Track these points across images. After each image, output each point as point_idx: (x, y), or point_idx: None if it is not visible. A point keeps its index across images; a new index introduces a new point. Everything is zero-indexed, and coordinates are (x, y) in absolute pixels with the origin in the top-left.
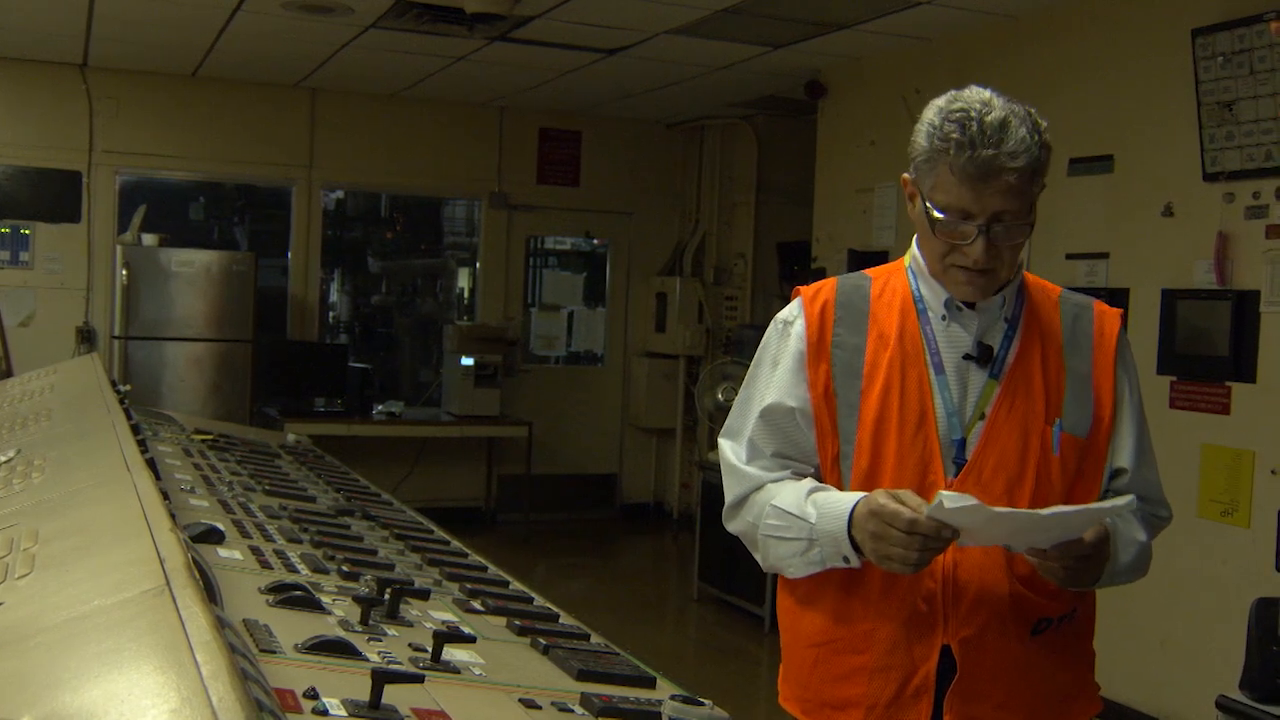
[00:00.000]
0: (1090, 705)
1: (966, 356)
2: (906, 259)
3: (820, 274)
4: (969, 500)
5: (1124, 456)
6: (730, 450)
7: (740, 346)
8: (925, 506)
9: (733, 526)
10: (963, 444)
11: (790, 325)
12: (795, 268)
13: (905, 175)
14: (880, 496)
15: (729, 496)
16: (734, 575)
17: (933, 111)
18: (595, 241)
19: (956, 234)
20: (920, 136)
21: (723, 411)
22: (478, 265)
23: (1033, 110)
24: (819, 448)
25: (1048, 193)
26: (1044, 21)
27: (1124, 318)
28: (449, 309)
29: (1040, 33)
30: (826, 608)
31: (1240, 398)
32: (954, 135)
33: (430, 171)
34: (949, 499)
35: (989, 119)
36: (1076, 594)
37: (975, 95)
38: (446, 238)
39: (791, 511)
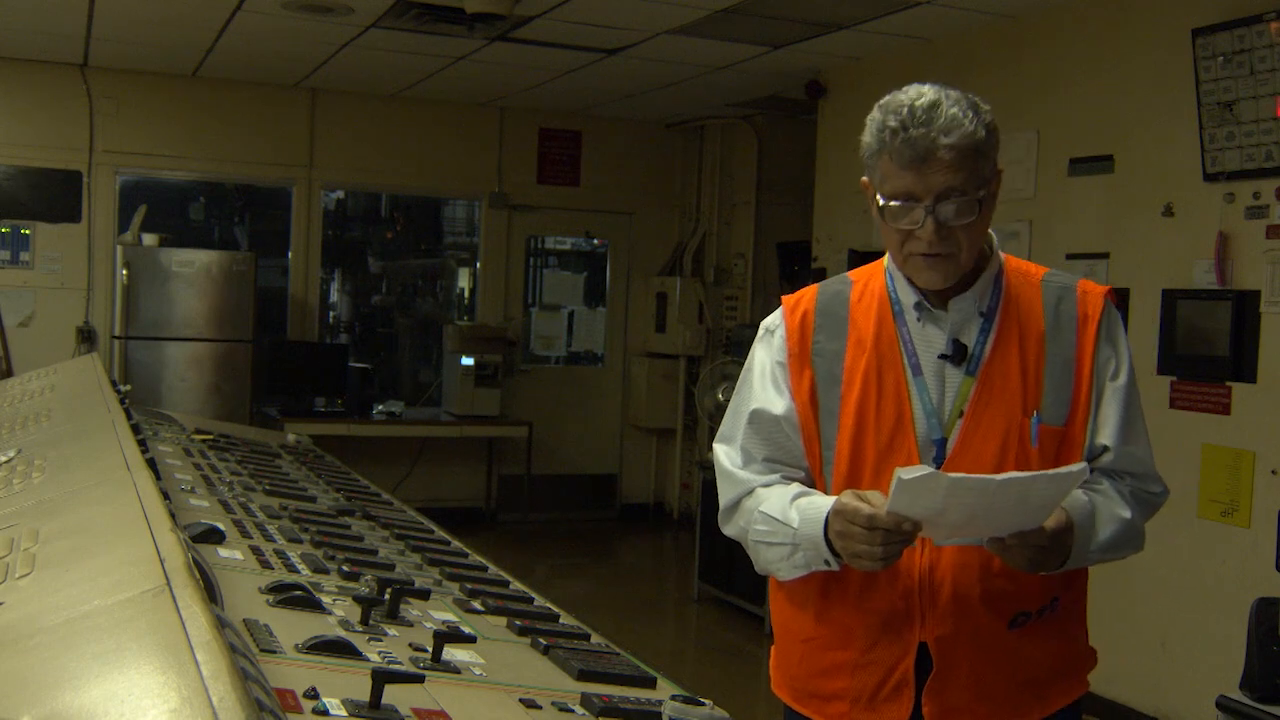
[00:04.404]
0: (1077, 682)
1: (942, 356)
2: (886, 260)
3: (821, 274)
4: (924, 470)
5: (1107, 433)
6: (724, 455)
7: (740, 347)
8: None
9: (727, 530)
10: (944, 443)
11: (772, 334)
12: (795, 268)
13: (864, 179)
14: (845, 496)
15: (723, 501)
16: (734, 575)
17: (875, 110)
18: (595, 241)
19: (906, 219)
20: (867, 135)
21: (723, 411)
22: (478, 265)
23: (973, 96)
24: (807, 453)
25: (1048, 192)
26: (1044, 21)
27: (1113, 293)
28: (449, 309)
29: (1040, 33)
30: (811, 605)
31: (1240, 398)
32: (890, 124)
33: (430, 171)
34: (905, 472)
35: (919, 103)
36: (1059, 583)
37: (912, 89)
38: (446, 238)
39: (776, 517)
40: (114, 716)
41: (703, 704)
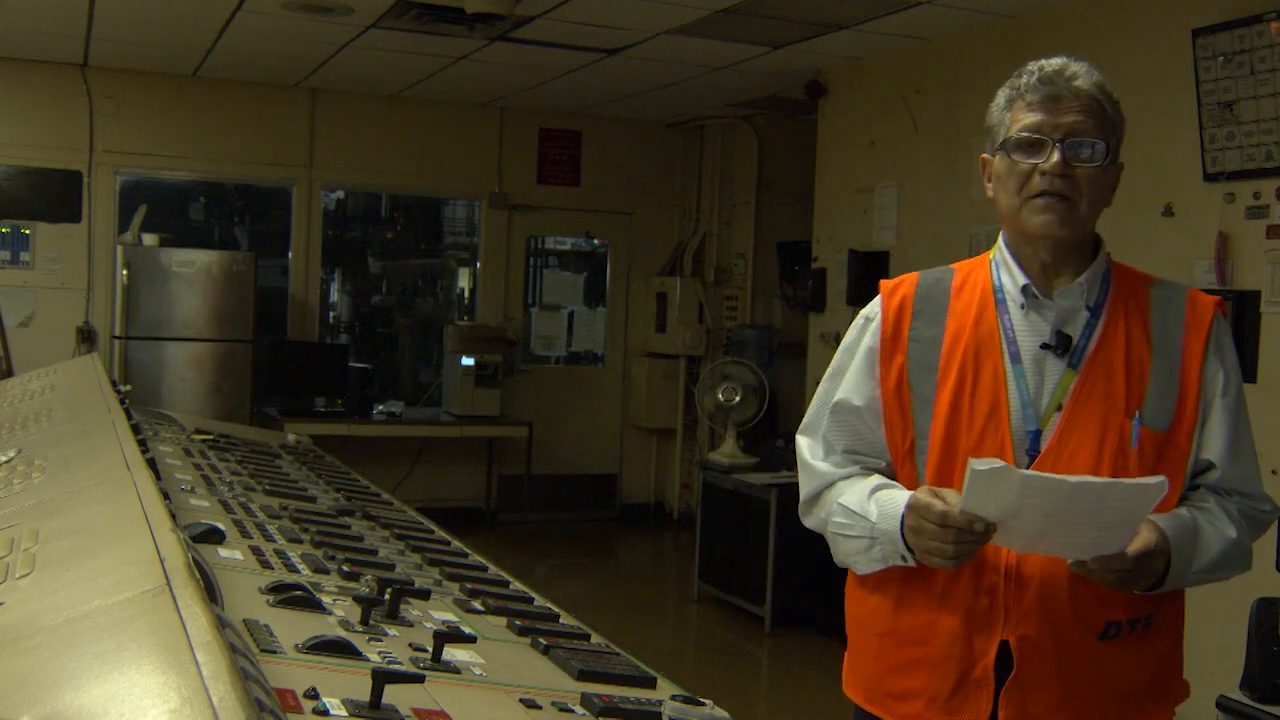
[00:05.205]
0: (1164, 707)
1: (1044, 346)
2: (992, 252)
3: (820, 274)
4: (996, 463)
5: (1213, 449)
6: (806, 447)
7: (740, 347)
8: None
9: (808, 522)
10: (1038, 435)
11: (870, 322)
12: (795, 268)
13: (984, 155)
14: (920, 492)
15: (803, 492)
16: (734, 575)
17: (1008, 81)
18: (595, 241)
19: (1034, 154)
20: (997, 98)
21: (723, 411)
22: (478, 265)
23: None
24: (890, 442)
25: None
26: (1044, 21)
27: (1223, 305)
28: (449, 309)
29: (1040, 33)
30: (891, 598)
31: None
32: (1028, 68)
33: (430, 171)
34: (978, 463)
35: (1054, 60)
36: (1154, 598)
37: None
38: (446, 238)
39: (855, 510)
40: (114, 716)
41: (703, 704)
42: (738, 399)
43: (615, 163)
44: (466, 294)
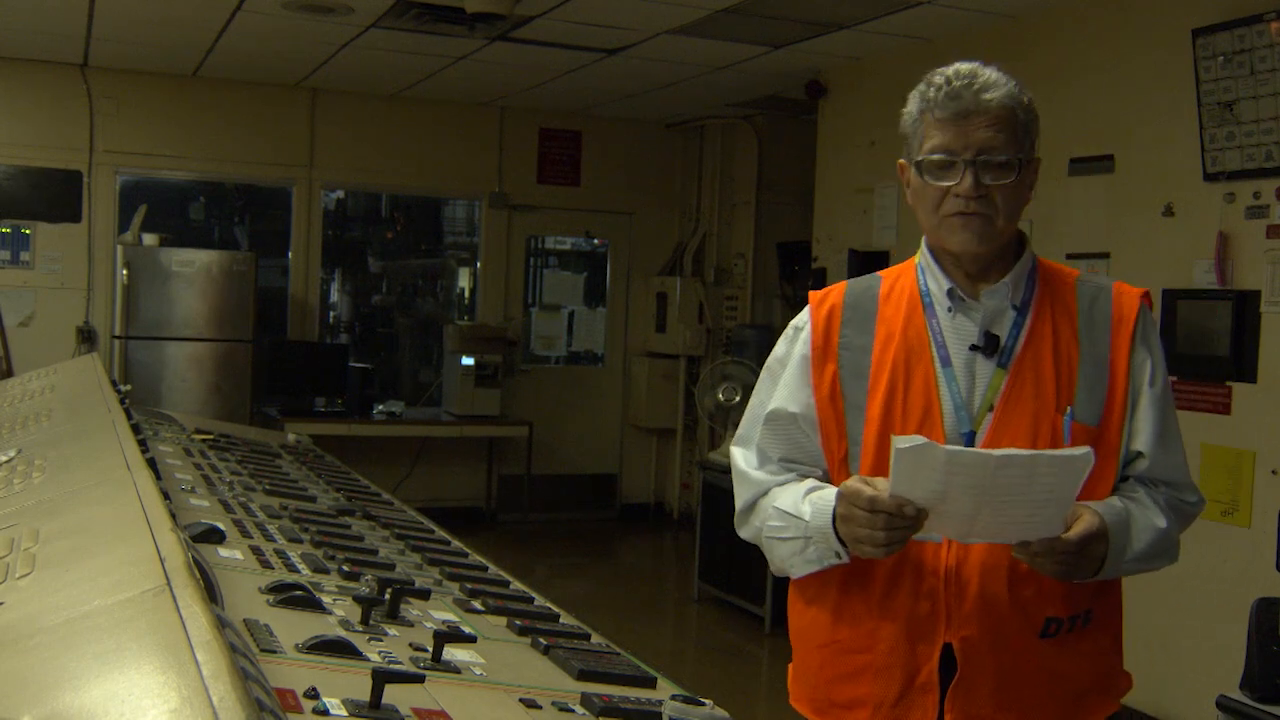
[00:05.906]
0: (1108, 701)
1: (973, 347)
2: (917, 256)
3: (820, 274)
4: (919, 440)
5: (1142, 440)
6: (741, 458)
7: (740, 347)
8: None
9: (744, 533)
10: (973, 437)
11: (800, 331)
12: (795, 268)
13: (900, 160)
14: (850, 481)
15: (738, 503)
16: (734, 575)
17: (918, 85)
18: (595, 241)
19: (945, 175)
20: (909, 105)
21: (723, 411)
22: (478, 265)
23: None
24: (825, 450)
25: (1048, 192)
26: (1044, 21)
27: (1149, 297)
28: (449, 309)
29: (1040, 33)
30: (831, 608)
31: (1240, 398)
32: (935, 81)
33: (430, 171)
34: (901, 441)
35: (962, 68)
36: (1091, 593)
37: (952, 65)
38: (446, 238)
39: (789, 511)
40: (114, 716)
41: (703, 704)
42: (738, 399)
43: (615, 163)
44: (466, 294)
